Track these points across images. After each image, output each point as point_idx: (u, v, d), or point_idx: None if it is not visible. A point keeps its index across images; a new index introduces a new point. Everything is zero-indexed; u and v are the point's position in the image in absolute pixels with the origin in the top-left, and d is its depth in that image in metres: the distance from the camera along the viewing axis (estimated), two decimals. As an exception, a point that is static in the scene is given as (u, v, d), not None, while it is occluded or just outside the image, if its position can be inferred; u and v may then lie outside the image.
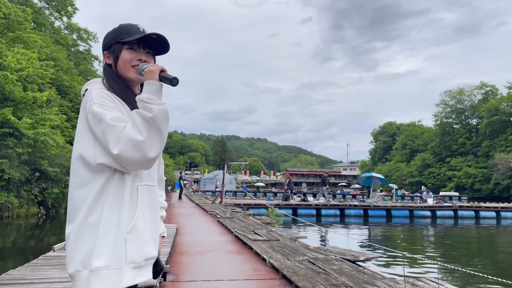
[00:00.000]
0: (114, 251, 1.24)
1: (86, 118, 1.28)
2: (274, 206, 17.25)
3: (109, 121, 1.22)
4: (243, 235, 7.01)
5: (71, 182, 1.31)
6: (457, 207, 21.60)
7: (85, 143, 1.27)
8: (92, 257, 1.22)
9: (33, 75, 17.78)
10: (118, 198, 1.27)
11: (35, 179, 17.38)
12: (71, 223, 1.28)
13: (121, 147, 1.20)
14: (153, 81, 1.29)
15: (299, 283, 3.70)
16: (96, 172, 1.26)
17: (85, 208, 1.25)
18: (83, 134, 1.29)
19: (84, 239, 1.24)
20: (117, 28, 1.46)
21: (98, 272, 1.21)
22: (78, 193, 1.27)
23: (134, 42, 1.42)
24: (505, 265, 9.05)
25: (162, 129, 1.23)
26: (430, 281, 4.29)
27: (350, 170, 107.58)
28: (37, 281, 3.98)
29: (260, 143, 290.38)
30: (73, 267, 1.23)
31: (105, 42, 1.47)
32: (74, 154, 1.31)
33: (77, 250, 1.24)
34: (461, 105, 67.52)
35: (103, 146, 1.24)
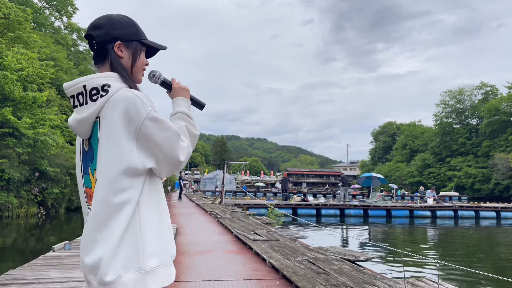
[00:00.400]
0: (162, 249, 1.26)
1: (138, 124, 1.20)
2: (274, 206, 17.25)
3: (177, 131, 1.26)
4: (243, 235, 7.01)
5: (107, 188, 1.21)
6: (457, 207, 21.60)
7: (127, 148, 1.21)
8: (142, 259, 1.21)
9: (33, 75, 17.79)
10: (153, 198, 1.28)
11: (35, 179, 17.38)
12: (103, 228, 1.21)
13: (185, 156, 1.28)
14: (189, 101, 1.46)
15: (299, 283, 3.70)
16: (135, 177, 1.23)
17: (125, 213, 1.21)
18: (124, 140, 1.21)
19: (125, 244, 1.20)
20: (132, 22, 1.38)
21: (154, 271, 1.22)
22: (116, 199, 1.20)
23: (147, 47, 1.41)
24: (505, 265, 9.05)
25: (195, 145, 1.40)
26: (430, 281, 4.29)
27: (350, 170, 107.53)
28: (37, 281, 3.98)
29: (260, 143, 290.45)
30: (114, 273, 1.18)
31: (121, 31, 1.33)
32: (113, 159, 1.21)
33: (117, 256, 1.19)
34: (461, 105, 67.51)
35: (164, 153, 1.23)
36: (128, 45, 1.34)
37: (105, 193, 1.21)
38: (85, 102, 1.26)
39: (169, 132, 1.24)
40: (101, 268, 1.19)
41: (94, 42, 1.32)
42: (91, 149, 1.30)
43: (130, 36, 1.34)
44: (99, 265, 1.19)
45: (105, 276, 1.18)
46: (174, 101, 1.46)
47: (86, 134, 1.30)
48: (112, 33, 1.32)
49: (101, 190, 1.22)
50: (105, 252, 1.19)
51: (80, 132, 1.31)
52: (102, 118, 1.23)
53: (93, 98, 1.24)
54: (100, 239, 1.20)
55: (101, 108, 1.23)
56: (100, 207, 1.22)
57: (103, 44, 1.32)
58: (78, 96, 1.28)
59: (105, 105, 1.23)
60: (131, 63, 1.35)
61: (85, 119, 1.26)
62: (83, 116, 1.26)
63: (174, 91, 1.47)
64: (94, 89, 1.25)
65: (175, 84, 1.46)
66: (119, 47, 1.33)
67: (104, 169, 1.22)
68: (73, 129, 1.32)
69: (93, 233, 1.22)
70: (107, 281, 1.18)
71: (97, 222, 1.21)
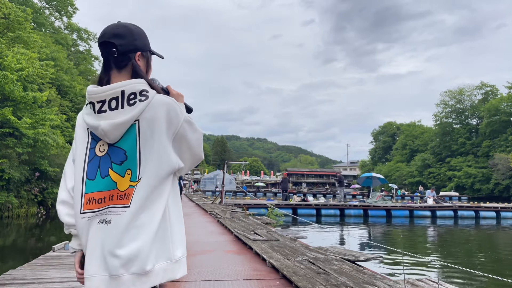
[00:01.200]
0: (183, 241, 1.40)
1: (177, 125, 1.33)
2: (274, 206, 17.25)
3: (202, 131, 1.43)
4: (243, 235, 7.01)
5: (148, 183, 1.30)
6: (457, 207, 21.59)
7: (167, 148, 1.33)
8: (171, 250, 1.33)
9: (33, 75, 17.78)
10: (176, 195, 1.40)
11: (35, 179, 17.39)
12: (142, 221, 1.29)
13: (203, 154, 1.45)
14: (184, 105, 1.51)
15: (299, 283, 3.70)
16: (170, 174, 1.35)
17: (158, 207, 1.31)
18: (165, 141, 1.32)
19: (159, 236, 1.31)
20: (144, 33, 1.48)
21: (181, 260, 1.37)
22: (154, 194, 1.31)
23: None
24: (505, 265, 9.05)
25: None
26: (430, 281, 4.29)
27: (350, 170, 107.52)
28: (37, 281, 3.98)
29: (260, 143, 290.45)
30: (151, 263, 1.28)
31: (141, 42, 1.43)
32: (158, 158, 1.31)
33: (153, 247, 1.29)
34: (461, 105, 67.49)
35: (192, 151, 1.40)
36: (144, 55, 1.45)
37: (148, 190, 1.30)
38: (121, 107, 1.31)
39: (198, 132, 1.40)
40: (140, 259, 1.26)
41: (115, 50, 1.37)
42: (119, 151, 1.32)
43: (146, 47, 1.45)
44: (138, 256, 1.26)
45: (146, 266, 1.26)
46: None
47: (117, 138, 1.33)
48: (134, 43, 1.40)
49: (145, 187, 1.30)
50: (144, 244, 1.27)
51: (112, 136, 1.32)
52: (143, 120, 1.30)
53: (130, 103, 1.30)
54: (138, 232, 1.27)
55: (142, 111, 1.30)
56: (141, 203, 1.29)
57: (125, 53, 1.39)
58: (111, 101, 1.32)
59: (145, 109, 1.30)
60: (145, 71, 1.45)
61: (125, 123, 1.30)
62: (123, 119, 1.30)
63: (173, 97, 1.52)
64: (132, 94, 1.32)
65: (173, 91, 1.50)
66: (139, 57, 1.42)
67: (151, 168, 1.31)
68: (104, 132, 1.32)
69: (131, 226, 1.28)
70: (148, 269, 1.27)
71: (135, 216, 1.28)
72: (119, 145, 1.33)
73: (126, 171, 1.31)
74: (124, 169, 1.31)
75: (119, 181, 1.31)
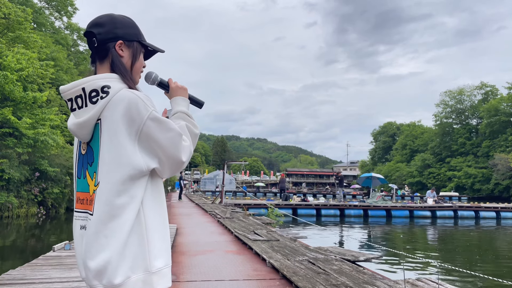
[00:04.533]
0: (165, 250, 1.26)
1: (139, 124, 1.19)
2: (274, 206, 17.25)
3: (179, 131, 1.25)
4: (243, 235, 7.01)
5: (111, 191, 1.19)
6: (457, 207, 21.59)
7: (130, 149, 1.20)
8: (149, 260, 1.21)
9: (33, 75, 17.79)
10: (156, 200, 1.28)
11: (35, 179, 17.37)
12: (108, 231, 1.19)
13: (186, 156, 1.27)
14: (188, 100, 1.47)
15: (299, 283, 3.70)
16: (137, 178, 1.21)
17: (129, 214, 1.19)
18: (126, 141, 1.19)
19: (131, 245, 1.19)
20: (134, 23, 1.37)
21: (161, 272, 1.23)
22: (119, 200, 1.19)
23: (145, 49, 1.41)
24: (505, 265, 9.05)
25: (196, 144, 1.39)
26: (430, 281, 4.29)
27: (350, 170, 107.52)
28: (37, 281, 3.98)
29: (260, 143, 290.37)
30: (123, 274, 1.17)
31: (123, 31, 1.32)
32: (115, 161, 1.19)
33: (125, 257, 1.18)
34: (461, 105, 67.50)
35: (165, 153, 1.23)
36: (129, 45, 1.33)
37: (109, 195, 1.19)
38: (85, 105, 1.24)
39: (171, 132, 1.23)
40: (109, 271, 1.17)
41: (95, 39, 1.30)
42: (91, 152, 1.27)
43: (131, 36, 1.34)
44: (106, 268, 1.17)
45: (114, 279, 1.16)
46: (173, 101, 1.45)
47: (86, 138, 1.28)
48: (114, 32, 1.30)
49: (105, 193, 1.20)
50: (112, 255, 1.17)
51: (80, 136, 1.28)
52: (103, 119, 1.21)
53: (93, 100, 1.22)
54: (105, 242, 1.18)
55: (102, 110, 1.22)
56: (104, 210, 1.19)
57: (104, 42, 1.30)
58: (77, 99, 1.26)
59: (106, 106, 1.21)
60: (130, 63, 1.34)
61: (86, 122, 1.24)
62: (83, 119, 1.24)
63: (172, 91, 1.46)
64: (93, 91, 1.23)
65: (172, 84, 1.46)
66: (120, 46, 1.31)
67: (107, 171, 1.20)
68: (73, 132, 1.30)
69: (97, 236, 1.19)
70: (116, 283, 1.16)
71: (101, 225, 1.19)
72: (91, 145, 1.27)
73: (93, 174, 1.25)
74: (92, 171, 1.25)
75: (90, 184, 1.26)
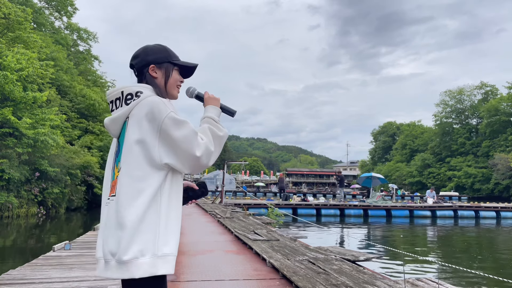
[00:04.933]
0: (174, 241, 1.42)
1: (159, 122, 1.40)
2: (274, 206, 17.25)
3: (194, 129, 1.45)
4: (243, 235, 7.01)
5: (130, 174, 1.40)
6: (457, 207, 21.59)
7: (150, 142, 1.41)
8: (157, 245, 1.37)
9: (33, 75, 17.80)
10: (174, 194, 1.46)
11: (35, 179, 17.38)
12: (125, 212, 1.36)
13: (201, 152, 1.44)
14: (218, 108, 1.66)
15: (299, 283, 3.70)
16: (156, 170, 1.41)
17: (144, 199, 1.37)
18: (148, 135, 1.41)
19: (143, 230, 1.36)
20: (164, 47, 1.63)
21: (166, 257, 1.38)
22: (137, 185, 1.38)
23: (179, 67, 1.64)
24: (505, 265, 9.05)
25: (222, 147, 1.55)
26: (430, 281, 4.29)
27: (350, 170, 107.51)
28: (37, 281, 3.98)
29: (260, 143, 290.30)
30: (131, 254, 1.33)
31: (153, 57, 1.58)
32: (136, 149, 1.41)
33: (137, 239, 1.34)
34: (461, 105, 67.49)
35: (181, 148, 1.41)
36: (161, 66, 1.60)
37: (128, 179, 1.40)
38: (121, 105, 1.51)
39: (185, 130, 1.42)
40: (120, 247, 1.34)
41: (134, 69, 1.61)
42: (119, 146, 1.52)
43: (161, 59, 1.60)
44: (119, 245, 1.35)
45: (123, 255, 1.34)
46: (204, 110, 1.66)
47: (116, 132, 1.54)
48: (146, 59, 1.59)
49: (124, 177, 1.41)
50: (124, 234, 1.35)
51: (112, 130, 1.55)
52: (131, 116, 1.47)
53: (127, 102, 1.49)
54: (121, 221, 1.36)
55: (132, 108, 1.47)
56: (122, 191, 1.39)
57: (141, 69, 1.59)
58: (116, 101, 1.53)
59: (136, 106, 1.46)
60: (164, 81, 1.60)
61: (118, 117, 1.50)
62: (117, 114, 1.50)
63: (205, 101, 1.68)
64: (129, 95, 1.50)
65: (206, 95, 1.69)
66: (153, 69, 1.58)
67: (128, 157, 1.42)
68: (107, 127, 1.56)
69: (115, 215, 1.39)
70: (124, 260, 1.33)
71: (119, 205, 1.38)
72: (119, 140, 1.53)
73: (119, 162, 1.48)
74: (118, 160, 1.49)
75: (116, 172, 1.48)
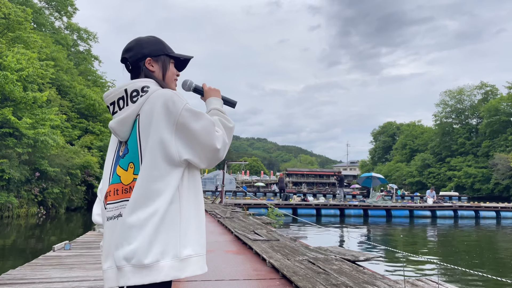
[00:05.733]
0: (197, 240, 1.35)
1: (176, 115, 1.31)
2: (274, 206, 17.24)
3: (211, 119, 1.37)
4: (243, 235, 7.01)
5: (146, 174, 1.31)
6: (457, 207, 21.58)
7: (166, 138, 1.32)
8: (179, 247, 1.30)
9: (33, 75, 17.78)
10: (192, 190, 1.39)
11: (35, 179, 17.38)
12: (143, 214, 1.28)
13: (220, 144, 1.36)
14: (220, 99, 1.59)
15: (299, 283, 3.70)
16: (174, 167, 1.33)
17: (163, 200, 1.30)
18: (164, 131, 1.32)
19: (164, 231, 1.28)
20: (158, 39, 1.55)
21: (189, 259, 1.32)
22: (155, 186, 1.30)
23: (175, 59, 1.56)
24: (505, 265, 9.05)
25: (231, 139, 1.47)
26: (430, 281, 4.29)
27: (350, 170, 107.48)
28: (37, 281, 3.98)
29: (260, 143, 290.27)
30: (152, 257, 1.26)
31: (149, 49, 1.50)
32: (154, 148, 1.31)
33: (156, 241, 1.27)
34: (461, 105, 67.47)
35: (199, 140, 1.33)
36: (157, 59, 1.51)
37: (145, 180, 1.31)
38: (126, 105, 1.40)
39: (204, 121, 1.34)
40: (139, 251, 1.26)
41: (128, 63, 1.50)
42: (126, 146, 1.40)
43: (157, 51, 1.51)
44: (138, 249, 1.26)
45: (144, 259, 1.25)
46: (207, 102, 1.58)
47: (126, 135, 1.41)
48: (142, 52, 1.49)
49: (142, 177, 1.31)
50: (144, 237, 1.26)
51: (120, 133, 1.42)
52: (142, 113, 1.36)
53: (134, 100, 1.38)
54: (139, 224, 1.27)
55: (141, 105, 1.37)
56: (140, 193, 1.30)
57: (136, 63, 1.49)
58: (119, 101, 1.41)
59: (145, 102, 1.36)
60: (162, 74, 1.51)
61: (127, 117, 1.38)
62: (125, 114, 1.38)
63: (206, 93, 1.60)
64: (134, 91, 1.39)
65: (206, 87, 1.61)
66: (150, 63, 1.49)
67: (145, 157, 1.32)
68: (114, 130, 1.42)
69: (132, 217, 1.29)
70: (146, 263, 1.25)
71: (137, 207, 1.29)
72: (128, 143, 1.41)
73: (129, 164, 1.36)
74: (127, 162, 1.37)
75: (122, 175, 1.37)
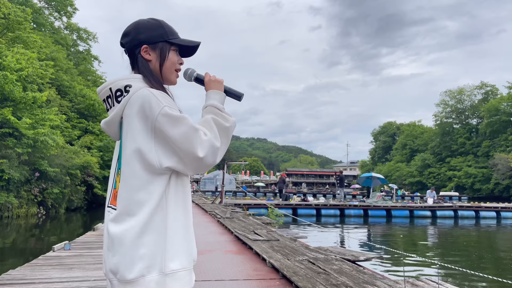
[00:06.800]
0: (185, 252, 1.25)
1: (152, 120, 1.19)
2: (274, 206, 17.24)
3: (194, 125, 1.22)
4: (243, 235, 7.01)
5: (126, 184, 1.22)
6: (457, 207, 21.59)
7: (144, 146, 1.21)
8: (164, 260, 1.20)
9: (33, 75, 17.78)
10: (180, 199, 1.27)
11: (35, 179, 17.37)
12: (125, 225, 1.20)
13: (205, 151, 1.20)
14: (222, 92, 1.38)
15: (299, 283, 3.70)
16: (157, 175, 1.22)
17: (146, 210, 1.20)
18: (140, 139, 1.21)
19: (147, 243, 1.19)
20: (159, 23, 1.37)
21: (175, 274, 1.21)
22: (137, 196, 1.20)
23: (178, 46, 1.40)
24: (505, 265, 9.05)
25: (230, 139, 1.30)
26: (430, 281, 4.29)
27: (350, 170, 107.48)
28: (37, 281, 3.98)
29: (260, 143, 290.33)
30: (137, 271, 1.17)
31: (146, 35, 1.34)
32: (131, 156, 1.22)
33: (139, 254, 1.18)
34: (461, 105, 67.50)
35: (178, 147, 1.20)
36: (155, 46, 1.35)
37: (126, 190, 1.22)
38: (113, 104, 1.30)
39: (183, 127, 1.19)
40: (122, 266, 1.18)
41: (125, 49, 1.37)
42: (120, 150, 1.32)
43: (155, 38, 1.35)
44: (121, 263, 1.18)
45: (128, 274, 1.17)
46: (206, 95, 1.40)
47: (116, 136, 1.34)
48: (138, 38, 1.34)
49: (124, 187, 1.23)
50: (125, 250, 1.18)
51: (110, 134, 1.36)
52: (124, 117, 1.26)
53: (118, 100, 1.28)
54: (119, 235, 1.19)
55: (123, 108, 1.26)
56: (122, 204, 1.22)
57: (132, 50, 1.35)
58: (108, 99, 1.32)
59: (126, 105, 1.25)
60: (159, 64, 1.35)
61: (112, 120, 1.31)
62: (109, 117, 1.31)
63: (206, 85, 1.41)
64: (118, 91, 1.28)
65: (206, 77, 1.42)
66: (146, 51, 1.34)
67: (125, 166, 1.24)
68: (104, 131, 1.36)
69: (114, 228, 1.21)
70: (129, 279, 1.17)
71: (118, 218, 1.22)
72: (119, 143, 1.33)
73: (119, 170, 1.29)
74: (119, 167, 1.30)
75: (117, 179, 1.30)
